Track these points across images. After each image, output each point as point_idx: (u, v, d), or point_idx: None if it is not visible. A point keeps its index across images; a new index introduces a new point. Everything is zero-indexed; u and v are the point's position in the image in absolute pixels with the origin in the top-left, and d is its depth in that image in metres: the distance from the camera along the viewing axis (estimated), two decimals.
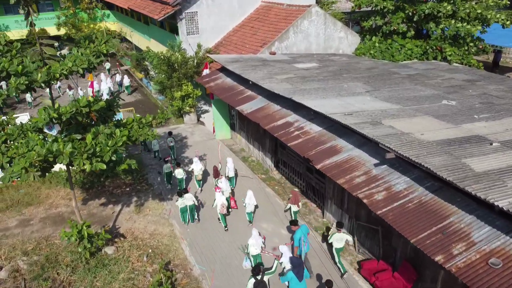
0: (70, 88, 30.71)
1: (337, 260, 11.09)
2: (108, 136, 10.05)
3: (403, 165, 9.55)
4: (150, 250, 12.60)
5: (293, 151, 13.06)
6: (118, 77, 31.92)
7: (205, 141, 21.07)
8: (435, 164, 8.28)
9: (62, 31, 43.91)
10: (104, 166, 9.29)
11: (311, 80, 15.46)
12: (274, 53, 20.51)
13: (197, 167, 15.42)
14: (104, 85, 29.44)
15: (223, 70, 18.85)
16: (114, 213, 14.92)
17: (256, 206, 13.57)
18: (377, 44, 21.92)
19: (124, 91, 31.19)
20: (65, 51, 45.18)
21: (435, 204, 8.31)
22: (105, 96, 30.10)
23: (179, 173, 15.50)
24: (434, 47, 21.04)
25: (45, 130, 9.67)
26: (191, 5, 23.88)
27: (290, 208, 13.00)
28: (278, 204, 14.76)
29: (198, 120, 24.36)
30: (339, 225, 10.93)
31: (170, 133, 18.54)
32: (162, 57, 22.58)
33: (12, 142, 10.57)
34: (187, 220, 13.75)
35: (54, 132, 9.85)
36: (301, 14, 21.35)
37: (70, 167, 10.20)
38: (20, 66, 9.07)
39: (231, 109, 19.48)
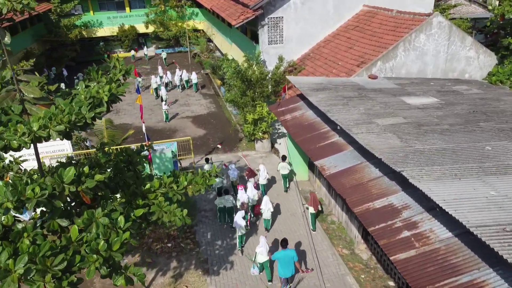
0: (139, 75, 31.37)
1: (285, 185, 15.73)
2: (105, 230, 6.42)
3: None
4: None
5: None
6: (177, 72, 31.27)
7: (276, 180, 16.98)
8: None
9: (151, 29, 43.04)
10: None
11: (431, 131, 10.42)
12: (375, 77, 15.57)
13: (233, 175, 15.57)
14: (176, 76, 30.69)
15: (305, 97, 14.51)
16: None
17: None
18: None
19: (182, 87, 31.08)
20: (151, 50, 44.43)
21: None
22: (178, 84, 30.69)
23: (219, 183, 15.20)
24: None
25: (13, 214, 6.36)
26: (276, 9, 19.82)
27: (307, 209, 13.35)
28: None
29: (273, 147, 20.35)
30: (283, 158, 15.20)
31: (207, 160, 16.68)
32: (236, 69, 18.92)
33: None
34: (223, 221, 13.85)
35: (26, 216, 6.50)
36: (416, 25, 16.05)
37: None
38: None
39: None
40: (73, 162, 7.76)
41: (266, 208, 12.94)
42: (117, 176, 8.05)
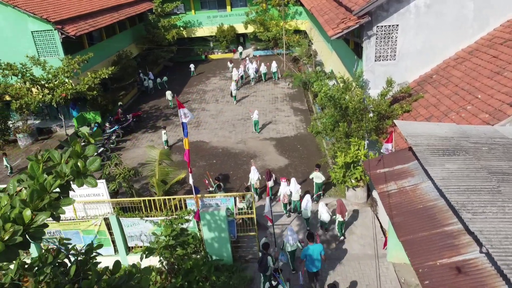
0: (231, 62, 36.08)
1: (316, 192, 15.40)
2: None
3: None
4: None
5: None
6: (252, 65, 32.88)
7: (365, 260, 12.29)
8: None
9: (250, 29, 40.35)
10: None
11: None
12: None
13: (254, 176, 15.57)
14: (250, 70, 32.51)
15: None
16: None
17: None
18: None
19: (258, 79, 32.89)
20: (249, 51, 41.75)
21: None
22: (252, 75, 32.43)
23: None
24: None
25: None
26: (389, 15, 14.80)
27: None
28: None
29: (369, 197, 15.50)
30: (317, 166, 15.32)
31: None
32: (327, 95, 14.50)
33: None
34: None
35: None
36: None
37: None
38: None
39: None
40: None
41: (307, 204, 13.44)
42: None
